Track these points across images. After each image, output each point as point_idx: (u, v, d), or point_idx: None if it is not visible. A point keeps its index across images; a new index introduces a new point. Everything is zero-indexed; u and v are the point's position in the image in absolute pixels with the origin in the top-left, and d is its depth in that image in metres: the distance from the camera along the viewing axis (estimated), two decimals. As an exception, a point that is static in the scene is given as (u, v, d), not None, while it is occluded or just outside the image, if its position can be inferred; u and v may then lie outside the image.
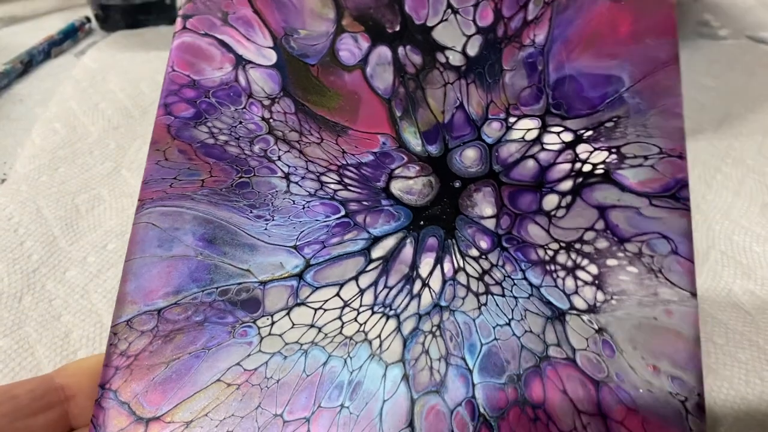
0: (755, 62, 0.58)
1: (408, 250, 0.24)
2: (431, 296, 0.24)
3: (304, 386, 0.23)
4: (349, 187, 0.25)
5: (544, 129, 0.26)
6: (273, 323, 0.23)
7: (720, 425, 0.30)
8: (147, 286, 0.24)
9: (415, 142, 0.26)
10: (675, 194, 0.24)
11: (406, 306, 0.24)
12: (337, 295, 0.24)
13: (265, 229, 0.25)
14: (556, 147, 0.25)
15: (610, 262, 0.24)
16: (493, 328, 0.23)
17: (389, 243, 0.24)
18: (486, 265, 0.24)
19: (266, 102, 0.26)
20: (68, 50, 0.61)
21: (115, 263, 0.37)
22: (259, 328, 0.23)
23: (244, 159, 0.25)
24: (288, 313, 0.23)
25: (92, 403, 0.23)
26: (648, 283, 0.23)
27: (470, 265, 0.24)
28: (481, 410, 0.22)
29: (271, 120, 0.26)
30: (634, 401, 0.22)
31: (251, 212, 0.25)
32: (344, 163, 0.25)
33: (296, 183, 0.25)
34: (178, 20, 0.27)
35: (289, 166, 0.25)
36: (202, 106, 0.26)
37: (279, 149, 0.26)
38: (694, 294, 0.23)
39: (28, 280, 0.37)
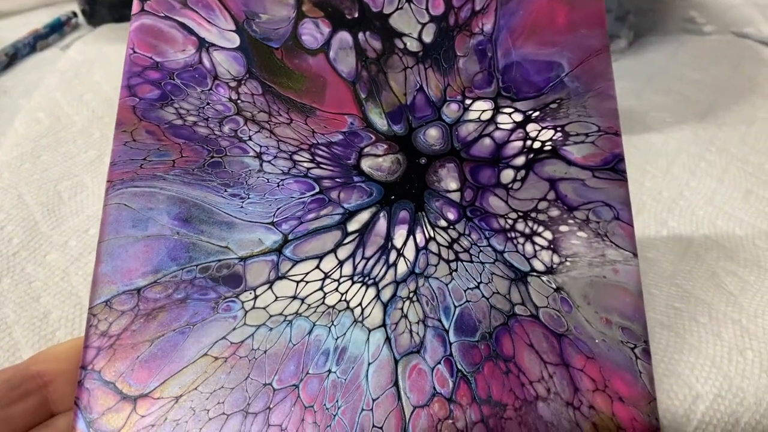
0: (739, 56, 0.63)
1: (382, 223, 0.28)
2: (406, 265, 0.27)
3: (291, 355, 0.25)
4: (322, 165, 0.28)
5: (497, 110, 0.30)
6: (256, 297, 0.26)
7: (701, 402, 0.33)
8: (124, 266, 0.25)
9: (381, 122, 0.29)
10: (614, 167, 0.30)
11: (384, 275, 0.27)
12: (318, 267, 0.27)
13: (241, 207, 0.27)
14: (509, 126, 0.30)
15: (563, 228, 0.28)
16: (465, 291, 0.27)
17: (364, 217, 0.28)
18: (454, 234, 0.28)
19: (233, 83, 0.29)
20: (54, 44, 0.64)
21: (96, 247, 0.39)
22: (242, 302, 0.26)
23: (214, 139, 0.28)
24: (270, 287, 0.26)
25: (72, 387, 0.24)
26: (596, 246, 0.28)
27: (440, 234, 0.28)
28: (459, 366, 0.26)
29: (239, 101, 0.29)
30: (591, 350, 0.27)
31: (226, 191, 0.27)
32: (315, 142, 0.28)
33: (269, 162, 0.28)
34: (135, 2, 0.29)
35: (260, 146, 0.28)
36: (167, 88, 0.28)
37: (249, 129, 0.28)
38: (635, 254, 0.28)
39: (7, 263, 0.39)
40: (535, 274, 0.28)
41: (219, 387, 0.24)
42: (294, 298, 0.26)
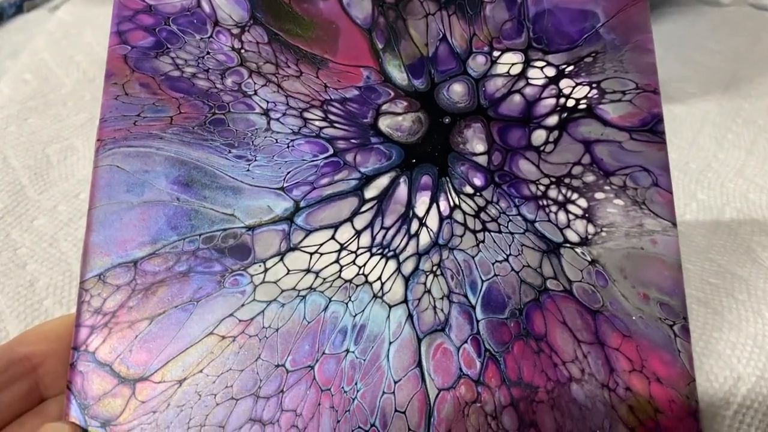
0: (759, 28, 0.61)
1: (402, 189, 0.26)
2: (429, 235, 0.26)
3: (305, 334, 0.24)
4: (335, 125, 0.26)
5: (527, 64, 0.28)
6: (266, 270, 0.24)
7: (743, 384, 0.32)
8: (118, 236, 0.24)
9: (400, 77, 0.27)
10: (652, 128, 0.28)
11: (405, 246, 0.25)
12: (333, 238, 0.25)
13: (248, 170, 0.25)
14: (541, 82, 0.28)
15: (598, 195, 0.27)
16: (492, 264, 0.26)
17: (382, 182, 0.26)
18: (481, 202, 0.26)
19: (235, 30, 0.26)
20: (41, 5, 0.61)
21: (86, 211, 0.38)
22: (251, 276, 0.24)
23: (216, 93, 0.26)
24: (282, 259, 0.24)
25: (63, 369, 0.23)
26: (633, 214, 0.27)
27: (465, 202, 0.26)
28: (487, 345, 0.25)
29: (242, 51, 0.26)
30: (627, 328, 0.25)
31: (230, 152, 0.25)
32: (327, 98, 0.26)
33: (277, 120, 0.26)
34: (123, -65, 0.27)
35: (267, 102, 0.26)
36: (162, 35, 0.26)
37: (254, 83, 0.26)
38: (674, 224, 0.27)
39: None
40: (568, 245, 0.26)
41: (227, 369, 0.23)
42: (308, 271, 0.24)
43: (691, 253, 0.38)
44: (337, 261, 0.25)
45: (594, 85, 0.28)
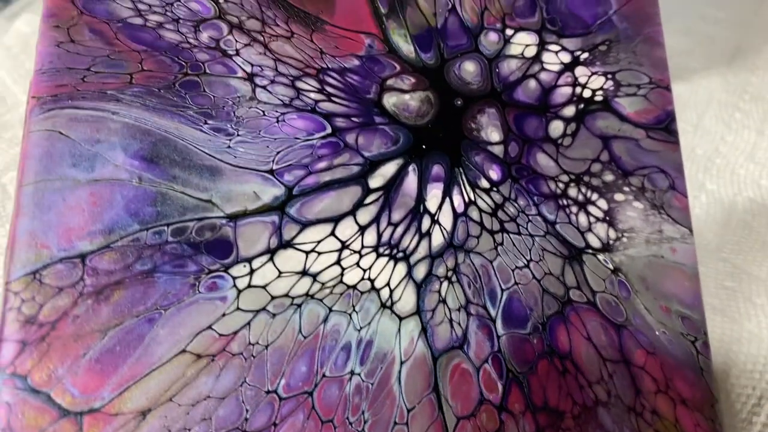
0: None
1: (411, 180, 0.22)
2: (443, 235, 0.22)
3: (301, 352, 0.20)
4: (334, 98, 0.22)
5: (542, 46, 0.25)
6: (252, 271, 0.20)
7: (766, 402, 0.30)
8: (61, 223, 0.18)
9: (406, 48, 0.24)
10: (667, 127, 0.26)
11: (416, 247, 0.22)
12: (332, 234, 0.21)
13: (229, 146, 0.20)
14: (556, 68, 0.25)
15: (618, 196, 0.25)
16: (512, 271, 0.23)
17: (389, 170, 0.22)
18: (498, 198, 0.23)
19: (212, -24, 0.22)
20: None
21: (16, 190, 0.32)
22: (233, 278, 0.19)
23: (188, 50, 0.21)
24: (271, 258, 0.20)
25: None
26: (653, 219, 0.25)
27: (481, 198, 0.23)
28: (509, 366, 0.21)
29: (220, 1, 0.22)
30: (652, 344, 0.23)
31: (206, 123, 0.20)
32: (324, 66, 0.22)
33: (264, 88, 0.21)
34: None
35: (252, 65, 0.21)
36: (119, -29, 0.21)
37: (236, 41, 0.22)
38: (691, 231, 0.25)
39: None
40: (590, 251, 0.24)
41: (204, 396, 0.18)
42: (303, 273, 0.20)
43: (703, 253, 0.36)
44: (338, 262, 0.21)
45: (609, 76, 0.26)
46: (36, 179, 0.18)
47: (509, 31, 0.25)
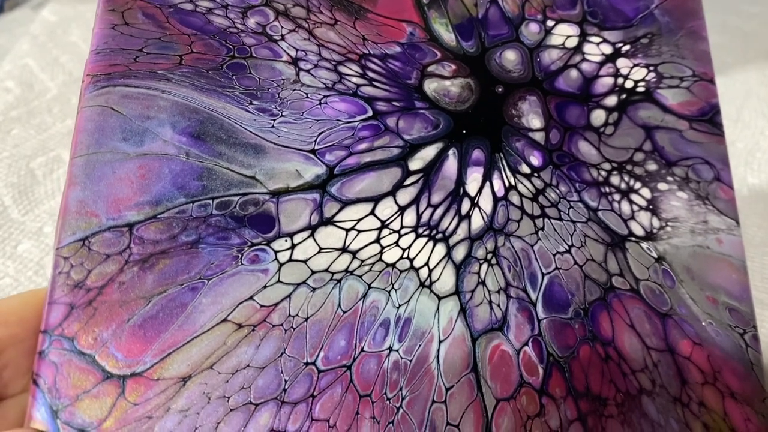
0: None
1: (452, 163, 0.22)
2: (483, 218, 0.22)
3: (340, 326, 0.19)
4: (375, 83, 0.22)
5: (583, 38, 0.25)
6: (293, 246, 0.20)
7: None
8: (110, 193, 0.19)
9: (447, 37, 0.24)
10: (712, 119, 0.25)
11: (455, 229, 0.21)
12: (372, 213, 0.21)
13: (272, 126, 0.21)
14: (597, 59, 0.25)
15: (661, 186, 0.24)
16: (554, 255, 0.22)
17: (429, 153, 0.22)
18: (539, 184, 0.23)
19: (260, -34, 0.22)
20: (24, 3, 0.56)
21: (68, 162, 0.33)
22: (275, 252, 0.19)
23: (236, 34, 0.21)
24: (312, 234, 0.20)
25: (29, 361, 0.17)
26: (698, 209, 0.24)
27: (522, 183, 0.23)
28: (550, 350, 0.21)
29: (268, -11, 0.22)
30: (698, 335, 0.22)
31: (251, 103, 0.21)
32: (366, 52, 0.22)
33: (308, 72, 0.22)
34: None
35: (296, 50, 0.22)
36: (172, -40, 0.21)
37: (281, 27, 0.22)
38: (738, 222, 0.24)
39: None
40: (633, 239, 0.23)
41: (244, 365, 0.18)
42: (343, 250, 0.20)
43: (748, 247, 0.35)
44: (377, 241, 0.21)
45: (651, 68, 0.26)
46: (88, 152, 0.19)
47: (550, 23, 0.25)
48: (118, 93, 0.20)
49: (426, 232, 0.21)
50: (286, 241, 0.20)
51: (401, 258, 0.21)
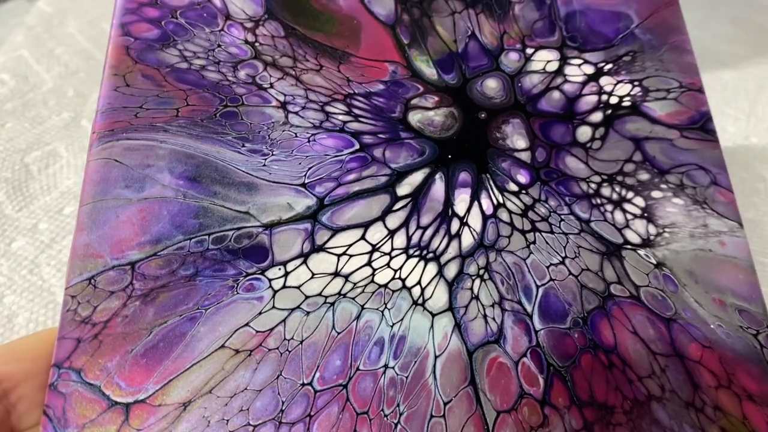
0: None
1: (439, 186, 0.23)
2: (473, 236, 0.22)
3: (335, 346, 0.20)
4: (361, 119, 0.23)
5: (564, 61, 0.26)
6: (287, 274, 0.21)
7: None
8: (114, 235, 0.20)
9: (429, 72, 0.25)
10: (703, 126, 0.25)
11: (446, 247, 0.22)
12: (363, 238, 0.22)
13: (264, 164, 0.22)
14: (580, 79, 0.26)
15: (655, 194, 0.24)
16: (547, 267, 0.22)
17: (416, 178, 0.23)
18: (527, 200, 0.23)
19: (248, 24, 0.24)
20: None
21: (73, 229, 0.33)
22: (269, 280, 0.20)
23: (227, 86, 0.23)
24: (305, 261, 0.21)
25: (42, 394, 0.18)
26: (696, 214, 0.24)
27: (510, 200, 0.23)
28: (549, 360, 0.21)
29: (256, 44, 0.24)
30: (707, 338, 0.22)
31: (243, 146, 0.22)
32: (351, 92, 0.24)
33: (296, 113, 0.23)
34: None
35: (285, 95, 0.23)
36: (168, 27, 0.24)
37: (270, 76, 0.24)
38: (740, 224, 0.24)
39: None
40: (629, 247, 0.23)
41: (242, 389, 0.19)
42: (335, 275, 0.21)
43: (765, 244, 0.33)
44: (368, 264, 0.21)
45: (636, 83, 0.26)
46: (94, 200, 0.20)
47: (529, 50, 0.26)
48: (120, 146, 0.21)
49: (417, 253, 0.22)
50: (279, 269, 0.21)
51: (393, 278, 0.21)
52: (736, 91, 0.44)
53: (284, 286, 0.20)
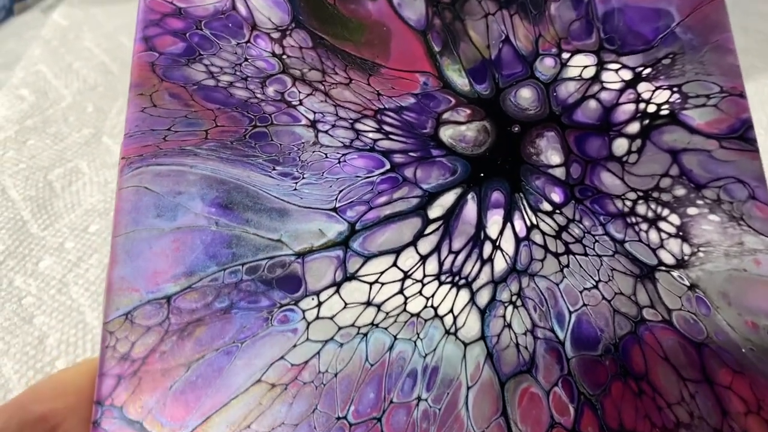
0: None
1: (471, 208, 0.22)
2: (505, 260, 0.22)
3: (369, 379, 0.20)
4: (391, 136, 0.23)
5: (601, 66, 0.25)
6: (320, 304, 0.21)
7: None
8: (148, 268, 0.20)
9: (461, 82, 0.24)
10: (743, 135, 0.25)
11: (478, 273, 0.22)
12: (395, 264, 0.21)
13: (295, 189, 0.22)
14: (617, 86, 0.25)
15: (691, 210, 0.23)
16: (580, 292, 0.22)
17: (448, 199, 0.22)
18: (561, 220, 0.23)
19: (275, 35, 0.23)
20: (34, 5, 0.56)
21: (99, 248, 0.33)
22: (303, 311, 0.20)
23: (256, 104, 0.22)
24: (337, 290, 0.21)
25: (87, 428, 0.19)
26: (732, 231, 0.23)
27: (544, 221, 0.23)
28: (580, 388, 0.21)
29: (284, 56, 0.23)
30: (738, 362, 0.22)
31: (274, 169, 0.22)
32: (381, 107, 0.23)
33: (326, 132, 0.22)
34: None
35: (314, 112, 0.23)
36: (194, 40, 0.23)
37: (299, 92, 0.23)
38: (777, 242, 0.24)
39: None
40: (663, 268, 0.23)
41: (279, 423, 0.19)
42: (368, 304, 0.21)
43: None
44: (401, 292, 0.21)
45: (675, 89, 0.25)
46: (126, 230, 0.20)
47: (565, 55, 0.25)
48: (150, 172, 0.21)
49: (449, 279, 0.21)
50: (312, 299, 0.20)
51: (425, 307, 0.21)
52: (752, 104, 0.43)
53: (317, 317, 0.20)
